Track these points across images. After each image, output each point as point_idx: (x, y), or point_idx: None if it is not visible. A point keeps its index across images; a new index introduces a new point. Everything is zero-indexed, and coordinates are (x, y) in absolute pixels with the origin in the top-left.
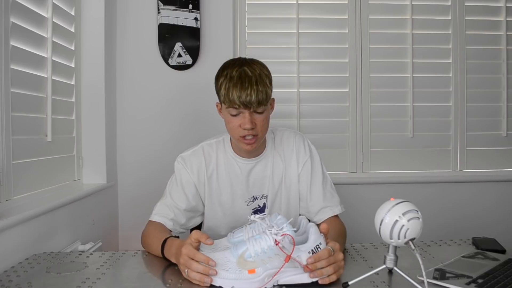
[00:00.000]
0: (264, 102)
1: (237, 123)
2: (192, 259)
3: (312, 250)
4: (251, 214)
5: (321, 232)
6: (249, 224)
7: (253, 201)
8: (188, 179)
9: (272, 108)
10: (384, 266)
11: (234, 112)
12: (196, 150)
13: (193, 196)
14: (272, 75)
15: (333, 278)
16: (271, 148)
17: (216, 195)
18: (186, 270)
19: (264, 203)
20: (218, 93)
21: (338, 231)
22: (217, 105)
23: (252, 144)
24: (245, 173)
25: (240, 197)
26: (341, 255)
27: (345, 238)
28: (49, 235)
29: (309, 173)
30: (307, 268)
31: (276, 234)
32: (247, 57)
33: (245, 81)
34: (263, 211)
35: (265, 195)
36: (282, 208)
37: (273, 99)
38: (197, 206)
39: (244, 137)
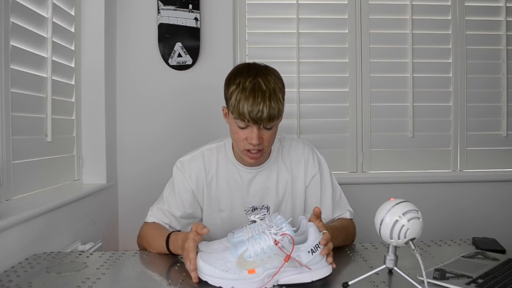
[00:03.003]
0: (275, 119)
1: (244, 136)
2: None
3: (311, 249)
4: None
5: (314, 213)
6: (249, 224)
7: (252, 211)
8: (185, 187)
9: (281, 119)
10: (384, 266)
11: (242, 124)
12: (196, 155)
13: (190, 204)
14: None
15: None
16: (276, 158)
17: (215, 202)
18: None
19: (265, 215)
20: (227, 100)
21: (342, 224)
22: (223, 109)
23: (257, 158)
24: (245, 182)
25: (239, 205)
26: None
27: (347, 233)
28: (49, 235)
29: (318, 187)
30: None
31: (275, 234)
32: (260, 62)
33: (257, 96)
34: None
35: (265, 206)
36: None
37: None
38: (194, 213)
39: (249, 150)
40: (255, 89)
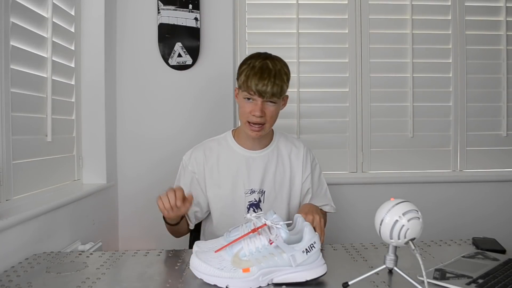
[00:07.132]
0: (277, 95)
1: (249, 109)
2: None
3: (306, 249)
4: (247, 209)
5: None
6: (246, 223)
7: (250, 193)
8: (189, 171)
9: (284, 104)
10: (384, 266)
11: (248, 97)
12: (197, 147)
13: (194, 187)
14: None
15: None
16: (276, 146)
17: (216, 186)
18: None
19: (260, 198)
20: (238, 78)
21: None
22: (235, 90)
23: (258, 131)
24: (246, 163)
25: (241, 186)
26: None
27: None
28: (49, 235)
29: (309, 184)
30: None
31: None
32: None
33: (265, 72)
34: (258, 206)
35: (262, 190)
36: (282, 208)
37: (287, 96)
38: (199, 200)
39: (251, 124)
40: (263, 68)
